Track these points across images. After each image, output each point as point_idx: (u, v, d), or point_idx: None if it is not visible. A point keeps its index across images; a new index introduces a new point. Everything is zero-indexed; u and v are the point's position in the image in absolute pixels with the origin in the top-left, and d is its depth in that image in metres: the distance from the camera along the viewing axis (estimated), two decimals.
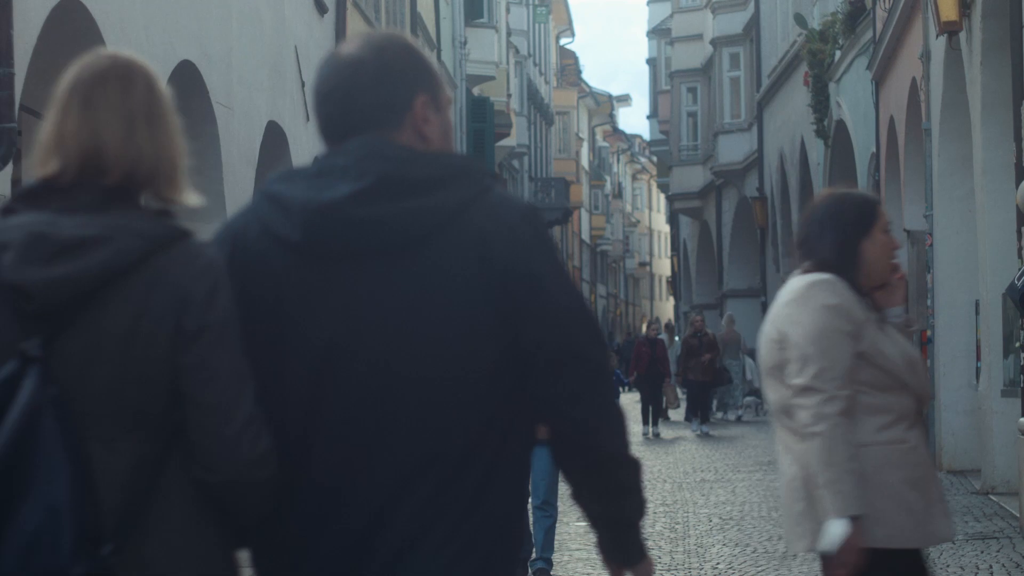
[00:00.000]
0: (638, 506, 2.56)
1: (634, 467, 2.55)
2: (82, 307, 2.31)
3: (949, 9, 12.24)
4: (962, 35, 12.42)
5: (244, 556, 2.56)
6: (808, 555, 9.91)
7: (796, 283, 3.89)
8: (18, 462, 2.21)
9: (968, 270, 13.23)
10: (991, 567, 8.74)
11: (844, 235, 3.86)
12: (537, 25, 49.31)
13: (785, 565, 9.11)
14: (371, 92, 2.49)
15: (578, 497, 2.59)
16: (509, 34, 40.63)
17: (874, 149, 20.24)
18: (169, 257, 2.36)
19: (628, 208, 78.41)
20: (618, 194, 74.04)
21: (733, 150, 35.03)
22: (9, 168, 8.63)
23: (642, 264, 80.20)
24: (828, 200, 4.01)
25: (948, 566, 8.80)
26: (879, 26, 18.68)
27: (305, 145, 16.93)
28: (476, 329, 2.42)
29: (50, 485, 2.21)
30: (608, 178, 70.21)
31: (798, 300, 3.82)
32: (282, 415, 2.45)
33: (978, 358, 12.77)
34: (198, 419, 2.35)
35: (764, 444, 19.34)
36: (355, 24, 19.93)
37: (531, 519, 8.27)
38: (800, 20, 25.40)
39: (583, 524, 10.60)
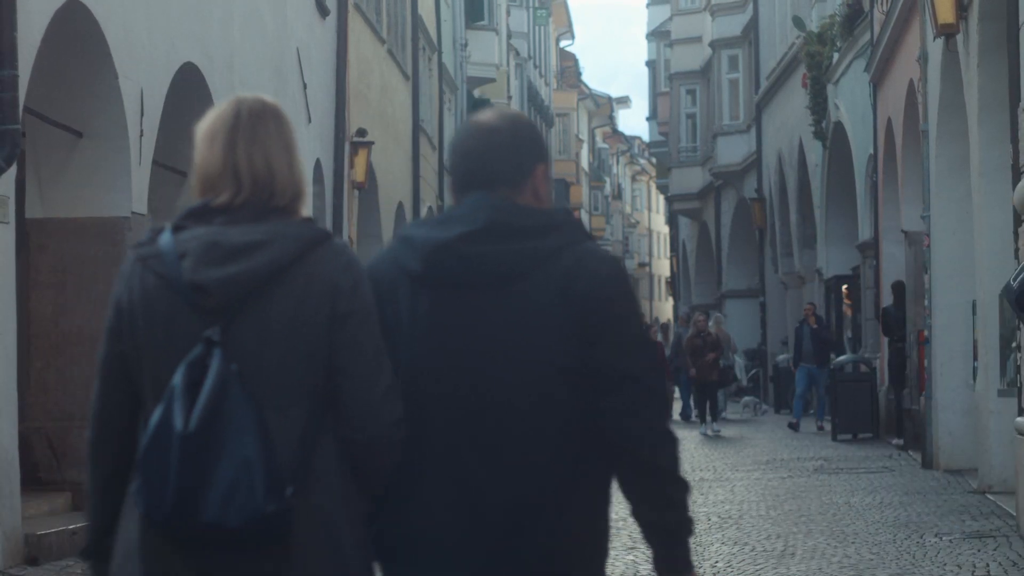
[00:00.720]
0: (685, 522, 2.89)
1: (683, 485, 2.89)
2: (251, 300, 2.76)
3: (946, 12, 12.30)
4: (959, 37, 12.47)
5: None
6: (805, 554, 9.86)
7: None
8: (214, 425, 2.66)
9: (965, 271, 13.28)
10: (988, 565, 8.79)
11: None
12: (537, 27, 49.34)
13: (783, 563, 9.16)
14: (504, 156, 2.94)
15: (635, 511, 2.90)
16: (509, 36, 40.68)
17: (872, 150, 20.29)
18: (320, 255, 2.80)
19: (628, 209, 78.43)
20: (618, 195, 74.06)
21: (732, 151, 35.07)
22: (13, 169, 8.67)
23: (642, 265, 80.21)
24: None
25: (945, 564, 8.86)
26: (877, 28, 18.73)
27: (305, 146, 16.98)
28: (558, 350, 2.82)
29: (242, 442, 2.66)
30: (608, 179, 70.22)
31: None
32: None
33: (975, 358, 12.83)
34: (348, 387, 2.79)
35: (763, 444, 19.39)
36: (356, 26, 19.97)
37: None
38: (798, 22, 25.44)
39: None
